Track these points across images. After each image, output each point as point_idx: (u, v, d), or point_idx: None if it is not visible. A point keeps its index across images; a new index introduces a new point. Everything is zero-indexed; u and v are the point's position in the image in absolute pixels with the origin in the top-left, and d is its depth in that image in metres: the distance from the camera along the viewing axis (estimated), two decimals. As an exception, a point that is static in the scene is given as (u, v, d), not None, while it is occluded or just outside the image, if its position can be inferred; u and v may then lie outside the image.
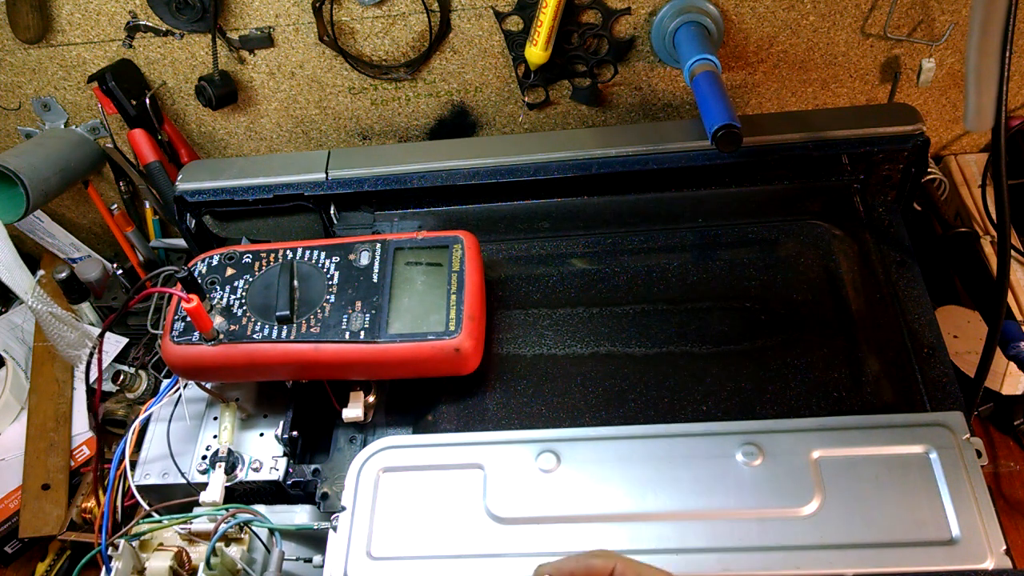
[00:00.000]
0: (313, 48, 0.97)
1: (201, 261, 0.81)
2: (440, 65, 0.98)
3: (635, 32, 0.95)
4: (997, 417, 0.91)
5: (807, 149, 0.83)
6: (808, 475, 0.65)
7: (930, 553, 0.61)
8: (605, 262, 0.87)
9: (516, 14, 0.93)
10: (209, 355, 0.74)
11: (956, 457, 0.65)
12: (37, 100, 1.02)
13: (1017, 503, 0.86)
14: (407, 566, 0.66)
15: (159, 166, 0.98)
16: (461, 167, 0.87)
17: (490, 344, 0.80)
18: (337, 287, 0.77)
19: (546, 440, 0.70)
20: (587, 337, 0.81)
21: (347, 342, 0.74)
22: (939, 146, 1.08)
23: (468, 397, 0.79)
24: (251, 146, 1.08)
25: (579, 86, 1.00)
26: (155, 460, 0.80)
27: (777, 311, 0.81)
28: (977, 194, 1.00)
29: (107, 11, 0.94)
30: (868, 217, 0.86)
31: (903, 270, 0.81)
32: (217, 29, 0.94)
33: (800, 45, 0.96)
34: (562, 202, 0.90)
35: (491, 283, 0.85)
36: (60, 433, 0.95)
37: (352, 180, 0.88)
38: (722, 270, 0.85)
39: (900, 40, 0.96)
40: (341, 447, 0.77)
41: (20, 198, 0.94)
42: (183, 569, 0.73)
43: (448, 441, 0.72)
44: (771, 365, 0.77)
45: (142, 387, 0.96)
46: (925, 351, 0.76)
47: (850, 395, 0.75)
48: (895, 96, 1.00)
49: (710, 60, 0.84)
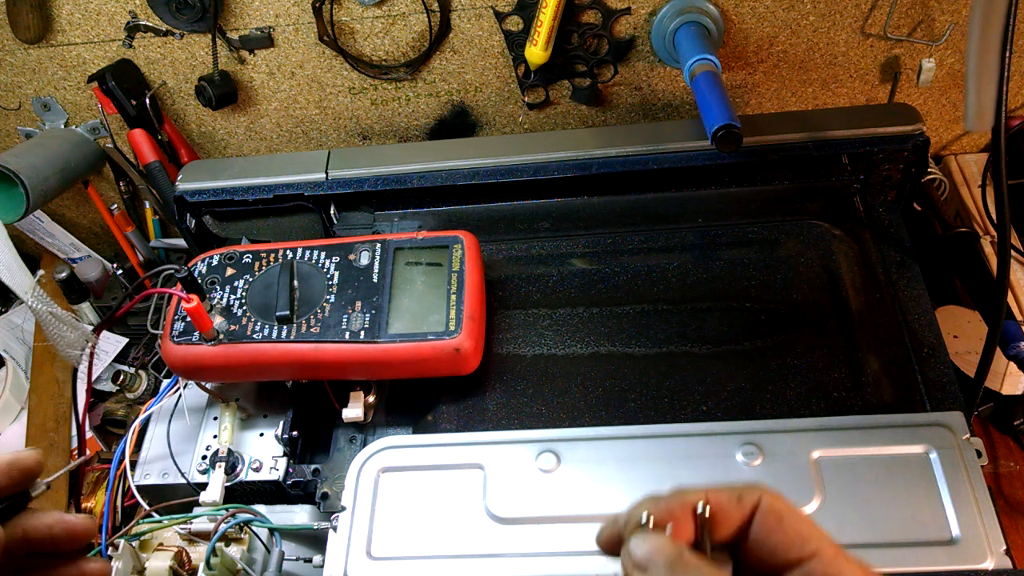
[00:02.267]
0: (313, 48, 0.97)
1: (201, 261, 0.81)
2: (440, 65, 0.98)
3: (635, 32, 0.95)
4: (997, 417, 0.91)
5: (807, 149, 0.83)
6: (808, 475, 0.65)
7: (930, 553, 0.61)
8: (605, 262, 0.87)
9: (516, 14, 0.93)
10: (209, 355, 0.74)
11: (956, 457, 0.65)
12: (37, 100, 1.02)
13: (1017, 503, 0.86)
14: (407, 566, 0.66)
15: (159, 166, 0.98)
16: (461, 167, 0.87)
17: (490, 344, 0.80)
18: (337, 287, 0.77)
19: (546, 440, 0.70)
20: (587, 337, 0.81)
21: (347, 342, 0.74)
22: (939, 146, 1.08)
23: (468, 397, 0.79)
24: (251, 146, 1.08)
25: (579, 86, 1.00)
26: (155, 460, 0.80)
27: (777, 311, 0.81)
28: (977, 194, 1.00)
29: (107, 11, 0.94)
30: (868, 217, 0.86)
31: (903, 270, 0.81)
32: (217, 29, 0.94)
33: (800, 45, 0.96)
34: (562, 202, 0.90)
35: (491, 283, 0.85)
36: (60, 433, 0.95)
37: (352, 180, 0.88)
38: (722, 270, 0.85)
39: (900, 40, 0.96)
40: (341, 447, 0.77)
41: (20, 198, 0.94)
42: (183, 569, 0.73)
43: (448, 441, 0.72)
44: (771, 365, 0.77)
45: (142, 387, 0.96)
46: (925, 351, 0.76)
47: (850, 395, 0.75)
48: (895, 96, 1.00)
49: (710, 60, 0.84)
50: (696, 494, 0.40)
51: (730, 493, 0.40)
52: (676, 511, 0.40)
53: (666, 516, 0.40)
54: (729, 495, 0.40)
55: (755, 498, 0.40)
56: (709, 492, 0.40)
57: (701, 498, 0.39)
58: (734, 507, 0.40)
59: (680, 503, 0.40)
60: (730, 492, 0.40)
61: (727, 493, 0.40)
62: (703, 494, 0.40)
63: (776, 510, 0.39)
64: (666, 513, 0.40)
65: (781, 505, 0.40)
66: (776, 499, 0.40)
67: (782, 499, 0.40)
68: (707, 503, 0.39)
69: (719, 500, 0.40)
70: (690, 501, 0.40)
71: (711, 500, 0.39)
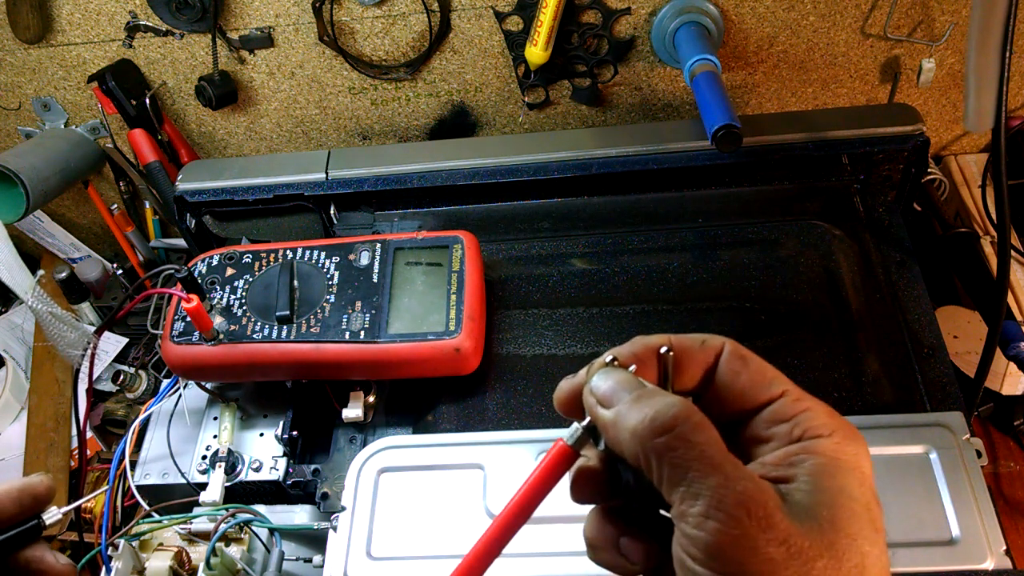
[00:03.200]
0: (313, 48, 0.97)
1: (201, 261, 0.81)
2: (440, 65, 0.98)
3: (635, 32, 0.95)
4: (997, 417, 0.91)
5: (807, 149, 0.83)
6: (808, 475, 0.65)
7: (930, 553, 0.61)
8: (605, 262, 0.87)
9: (516, 14, 0.93)
10: (209, 355, 0.74)
11: (956, 457, 0.65)
12: (37, 100, 1.02)
13: (1017, 503, 0.86)
14: (407, 566, 0.66)
15: (159, 166, 0.98)
16: (461, 167, 0.87)
17: (490, 344, 0.80)
18: (337, 287, 0.77)
19: (546, 440, 0.70)
20: (587, 337, 0.81)
21: (347, 342, 0.74)
22: (939, 146, 1.08)
23: (468, 397, 0.79)
24: (251, 146, 1.08)
25: (579, 86, 1.00)
26: (155, 460, 0.80)
27: (777, 311, 0.81)
28: (977, 194, 1.00)
29: (107, 11, 0.94)
30: (868, 217, 0.86)
31: (903, 270, 0.81)
32: (217, 29, 0.94)
33: (800, 45, 0.96)
34: (562, 202, 0.90)
35: (491, 283, 0.85)
36: (60, 433, 0.95)
37: (352, 180, 0.88)
38: (722, 270, 0.85)
39: (900, 40, 0.96)
40: (341, 447, 0.77)
41: (20, 198, 0.94)
42: (183, 569, 0.73)
43: (448, 441, 0.72)
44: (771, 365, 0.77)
45: (142, 387, 0.96)
46: (925, 351, 0.76)
47: (850, 395, 0.75)
48: (895, 96, 1.00)
49: (710, 60, 0.84)
50: (660, 337, 0.39)
51: (693, 338, 0.39)
52: (640, 353, 0.39)
53: (630, 359, 0.39)
54: (692, 340, 0.39)
55: (719, 343, 0.39)
56: (672, 337, 0.39)
57: (665, 340, 0.39)
58: (698, 351, 0.39)
59: (643, 346, 0.39)
60: (693, 338, 0.40)
61: (690, 338, 0.39)
62: (667, 338, 0.39)
63: (740, 354, 0.39)
64: (630, 356, 0.39)
65: (744, 351, 0.39)
66: (739, 345, 0.39)
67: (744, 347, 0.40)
68: (671, 345, 0.39)
69: (682, 344, 0.39)
70: (654, 343, 0.39)
71: (674, 344, 0.39)
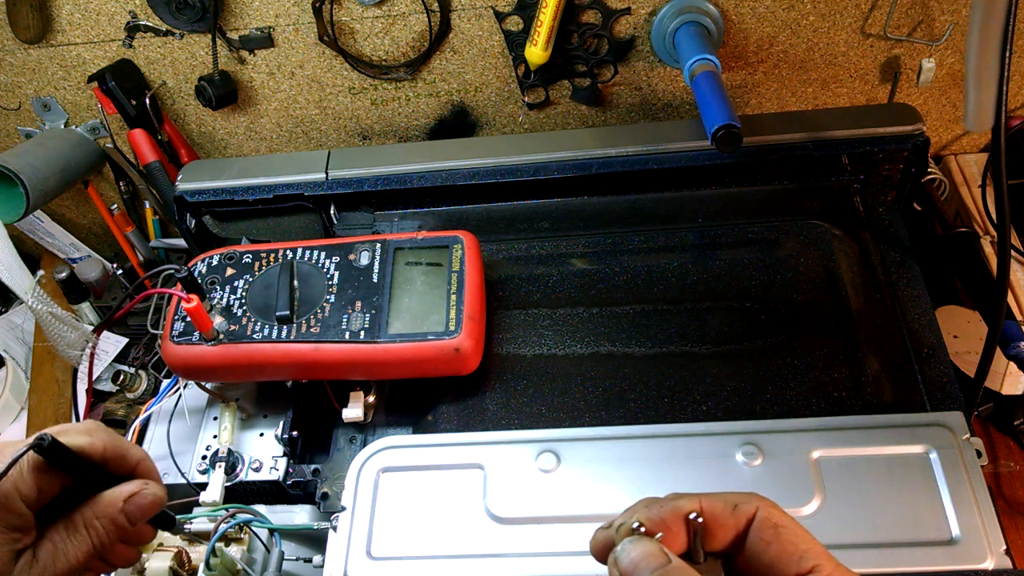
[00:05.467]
0: (313, 48, 0.97)
1: (201, 261, 0.81)
2: (440, 65, 0.98)
3: (635, 32, 0.95)
4: (997, 417, 0.91)
5: (807, 149, 0.83)
6: (808, 475, 0.65)
7: (930, 553, 0.61)
8: (605, 262, 0.87)
9: (516, 14, 0.93)
10: (209, 355, 0.74)
11: (956, 457, 0.65)
12: (37, 100, 1.02)
13: (1017, 503, 0.86)
14: (407, 566, 0.66)
15: (159, 166, 0.98)
16: (461, 167, 0.87)
17: (490, 344, 0.80)
18: (337, 287, 0.77)
19: (546, 440, 0.70)
20: (587, 337, 0.81)
21: (347, 342, 0.74)
22: (939, 146, 1.08)
23: (468, 397, 0.79)
24: (251, 146, 1.08)
25: (579, 86, 1.00)
26: (155, 460, 0.79)
27: (777, 311, 0.81)
28: (977, 194, 1.00)
29: (107, 11, 0.94)
30: (868, 217, 0.86)
31: (903, 270, 0.81)
32: (217, 29, 0.94)
33: (800, 45, 0.96)
34: (562, 202, 0.90)
35: (491, 283, 0.85)
36: (60, 433, 0.94)
37: (352, 180, 0.88)
38: (722, 270, 0.85)
39: (900, 40, 0.96)
40: (341, 447, 0.77)
41: (20, 198, 0.94)
42: (183, 569, 0.73)
43: (448, 441, 0.72)
44: (771, 365, 0.77)
45: (142, 387, 0.96)
46: (925, 351, 0.76)
47: (850, 395, 0.74)
48: (895, 96, 1.00)
49: (710, 60, 0.84)
50: (691, 501, 0.39)
51: (725, 502, 0.39)
52: (668, 519, 0.38)
53: (658, 524, 0.38)
54: (724, 504, 0.39)
55: (751, 508, 0.39)
56: (703, 499, 0.39)
57: (695, 506, 0.38)
58: (729, 516, 0.39)
59: (673, 510, 0.39)
60: (725, 501, 0.39)
61: (722, 502, 0.39)
62: (697, 501, 0.39)
63: (773, 522, 0.38)
64: (658, 521, 0.38)
65: (778, 517, 0.39)
66: (773, 510, 0.39)
67: (779, 510, 0.39)
68: (700, 511, 0.38)
69: (713, 508, 0.39)
70: (683, 508, 0.39)
71: (705, 508, 0.38)
